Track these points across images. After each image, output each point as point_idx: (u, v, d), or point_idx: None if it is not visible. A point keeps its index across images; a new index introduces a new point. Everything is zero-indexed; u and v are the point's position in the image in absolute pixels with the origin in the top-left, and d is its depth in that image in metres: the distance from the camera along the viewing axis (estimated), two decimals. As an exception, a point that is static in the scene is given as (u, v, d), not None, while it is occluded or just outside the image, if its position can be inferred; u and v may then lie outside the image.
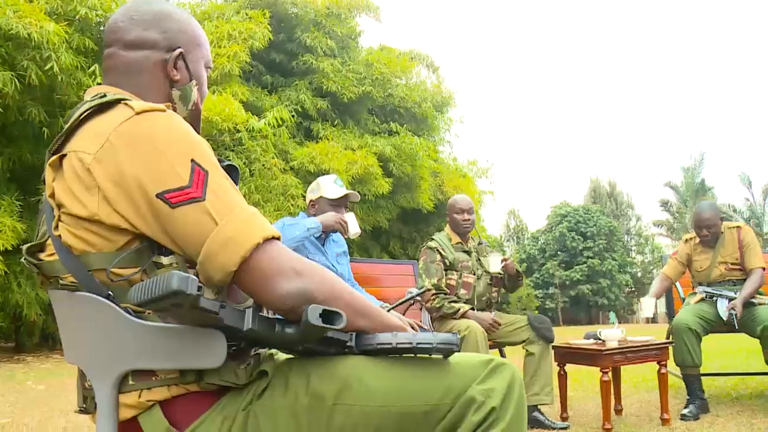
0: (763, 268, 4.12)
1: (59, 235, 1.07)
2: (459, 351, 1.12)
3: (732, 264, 4.18)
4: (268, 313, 1.11)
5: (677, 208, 41.40)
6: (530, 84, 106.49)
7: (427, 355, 1.12)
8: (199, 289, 0.90)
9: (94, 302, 1.06)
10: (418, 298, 3.89)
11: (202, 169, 1.04)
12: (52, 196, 1.08)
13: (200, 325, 1.02)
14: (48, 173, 1.10)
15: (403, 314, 3.58)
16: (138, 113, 1.05)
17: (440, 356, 1.12)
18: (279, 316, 1.06)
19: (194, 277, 0.89)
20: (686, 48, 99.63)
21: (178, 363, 1.04)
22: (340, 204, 3.35)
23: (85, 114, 1.10)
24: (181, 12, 1.29)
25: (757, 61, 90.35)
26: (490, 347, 3.77)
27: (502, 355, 4.08)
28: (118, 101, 1.10)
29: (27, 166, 9.88)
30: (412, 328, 1.37)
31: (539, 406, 3.66)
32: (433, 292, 3.74)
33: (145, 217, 1.03)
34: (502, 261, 3.87)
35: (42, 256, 1.13)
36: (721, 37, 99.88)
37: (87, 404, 1.16)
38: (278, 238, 1.07)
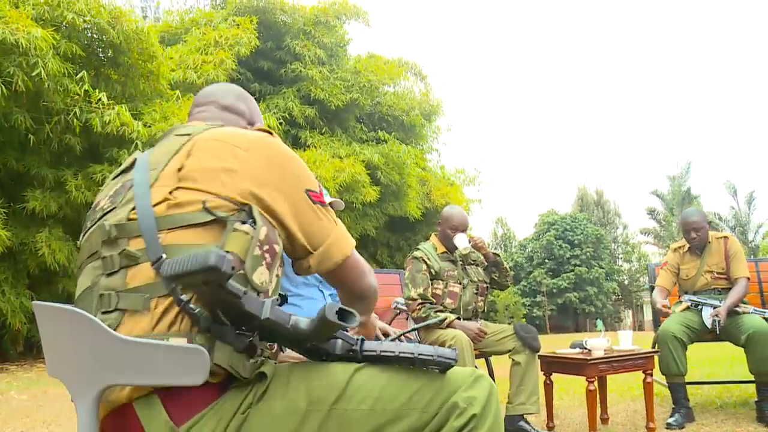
0: (748, 278, 4.15)
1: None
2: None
3: (718, 273, 4.22)
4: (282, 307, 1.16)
5: (664, 216, 41.67)
6: (518, 93, 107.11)
7: (425, 367, 1.18)
8: (233, 269, 0.97)
9: (77, 317, 1.06)
10: (403, 307, 3.89)
11: (321, 187, 1.35)
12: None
13: (222, 308, 1.07)
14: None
15: (389, 324, 3.58)
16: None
17: (437, 369, 1.18)
18: (294, 313, 1.13)
19: (230, 257, 0.97)
20: (672, 58, 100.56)
21: (160, 379, 1.03)
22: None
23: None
24: (255, 101, 1.65)
25: (743, 70, 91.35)
26: (477, 357, 3.77)
27: (489, 364, 4.09)
28: None
29: (12, 173, 9.80)
30: (399, 338, 1.45)
31: (525, 416, 3.66)
32: (419, 301, 3.74)
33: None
34: (469, 240, 3.87)
35: (130, 216, 1.18)
36: (707, 47, 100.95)
37: None
38: None
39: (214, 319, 1.08)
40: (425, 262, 3.85)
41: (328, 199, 3.31)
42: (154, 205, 1.15)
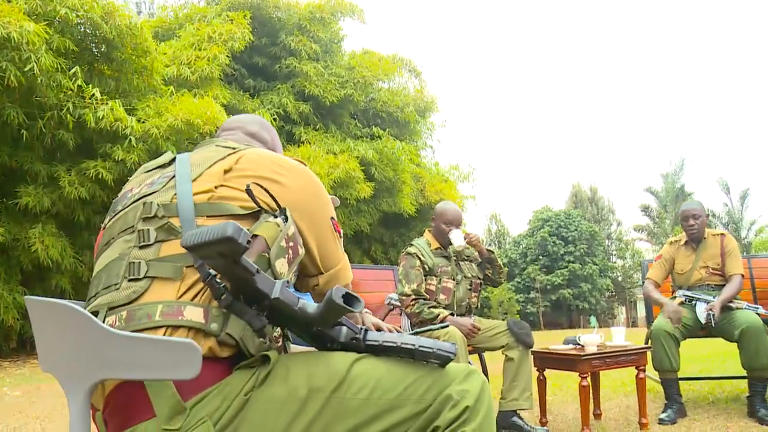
0: (742, 275, 4.16)
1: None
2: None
3: (713, 269, 4.22)
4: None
5: (657, 213, 41.78)
6: (512, 89, 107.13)
7: (424, 361, 1.21)
8: (248, 243, 1.02)
9: (70, 312, 1.06)
10: (397, 303, 3.88)
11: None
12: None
13: (236, 284, 1.12)
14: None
15: (383, 319, 3.58)
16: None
17: (437, 363, 1.21)
18: (301, 295, 1.18)
19: (246, 231, 1.02)
20: (666, 55, 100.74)
21: (153, 374, 1.04)
22: None
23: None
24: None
25: (736, 68, 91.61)
26: (470, 352, 3.77)
27: (482, 360, 4.09)
28: None
29: (5, 169, 9.76)
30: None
31: (518, 411, 3.66)
32: (413, 297, 3.74)
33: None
34: (464, 237, 3.87)
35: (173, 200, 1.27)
36: (701, 44, 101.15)
37: None
38: None
39: (234, 296, 1.13)
40: (419, 258, 3.85)
41: None
42: (195, 194, 1.25)
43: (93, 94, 9.37)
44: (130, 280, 1.17)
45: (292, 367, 1.17)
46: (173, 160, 1.41)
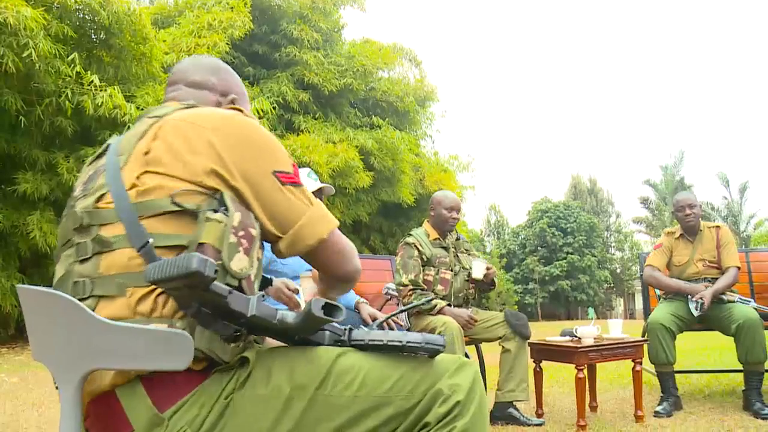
0: (738, 267, 4.15)
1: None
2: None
3: (709, 261, 4.21)
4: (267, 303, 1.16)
5: (656, 206, 41.83)
6: (513, 80, 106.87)
7: (414, 354, 1.18)
8: (215, 272, 0.98)
9: (61, 301, 1.05)
10: (394, 293, 3.88)
11: (296, 167, 1.28)
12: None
13: (209, 307, 1.07)
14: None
15: (380, 310, 3.58)
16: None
17: (426, 355, 1.18)
18: (279, 306, 1.13)
19: (212, 260, 0.97)
20: (667, 48, 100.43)
21: (144, 364, 1.03)
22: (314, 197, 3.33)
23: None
24: (233, 71, 1.54)
25: (736, 61, 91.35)
26: (467, 343, 3.77)
27: (479, 351, 4.09)
28: None
29: (3, 155, 9.72)
30: (387, 321, 1.45)
31: (514, 403, 3.67)
32: (411, 287, 3.73)
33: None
34: (486, 269, 3.87)
35: (99, 204, 1.16)
36: (702, 38, 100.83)
37: None
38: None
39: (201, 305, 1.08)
40: (417, 248, 3.84)
41: (313, 185, 3.31)
42: (128, 190, 1.13)
43: (92, 81, 9.32)
44: (78, 300, 1.09)
45: (273, 365, 1.13)
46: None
